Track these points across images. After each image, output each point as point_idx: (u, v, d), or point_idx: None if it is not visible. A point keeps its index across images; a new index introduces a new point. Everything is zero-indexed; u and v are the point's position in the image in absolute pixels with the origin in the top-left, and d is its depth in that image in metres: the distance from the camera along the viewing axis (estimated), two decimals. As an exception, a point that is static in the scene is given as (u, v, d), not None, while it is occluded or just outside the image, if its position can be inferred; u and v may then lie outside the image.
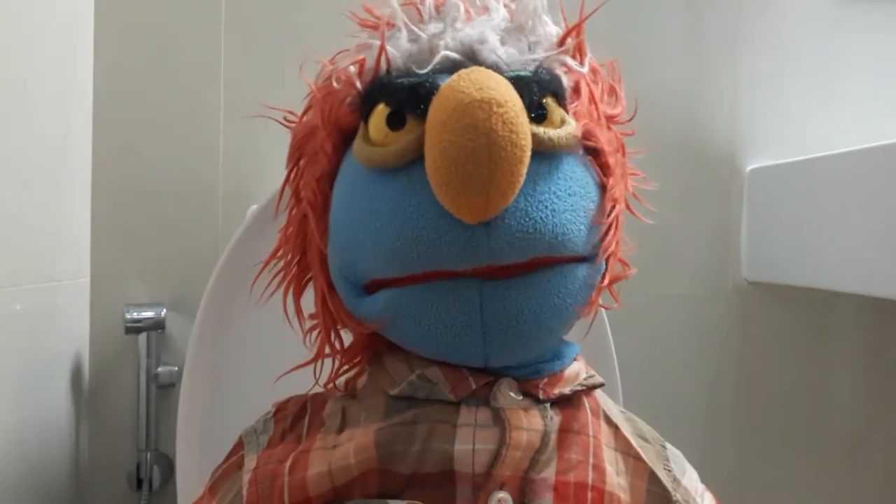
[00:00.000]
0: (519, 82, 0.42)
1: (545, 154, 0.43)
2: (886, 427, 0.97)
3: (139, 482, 0.86)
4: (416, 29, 0.45)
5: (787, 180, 0.88)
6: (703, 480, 0.53)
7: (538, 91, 0.43)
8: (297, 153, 0.50)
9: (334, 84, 0.48)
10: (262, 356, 0.54)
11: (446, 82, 0.39)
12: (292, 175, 0.51)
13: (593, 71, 0.51)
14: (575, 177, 0.44)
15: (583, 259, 0.45)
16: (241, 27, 0.89)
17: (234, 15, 0.89)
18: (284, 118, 0.53)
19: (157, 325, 0.85)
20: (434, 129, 0.38)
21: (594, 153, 0.47)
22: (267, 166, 0.88)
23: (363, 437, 0.44)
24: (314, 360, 0.51)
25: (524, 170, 0.39)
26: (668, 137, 0.94)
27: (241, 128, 0.88)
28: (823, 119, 0.95)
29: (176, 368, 0.86)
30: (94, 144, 0.88)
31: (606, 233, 0.46)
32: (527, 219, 0.41)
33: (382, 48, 0.45)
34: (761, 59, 0.95)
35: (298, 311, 0.51)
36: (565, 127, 0.44)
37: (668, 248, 0.94)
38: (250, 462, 0.48)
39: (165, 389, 0.87)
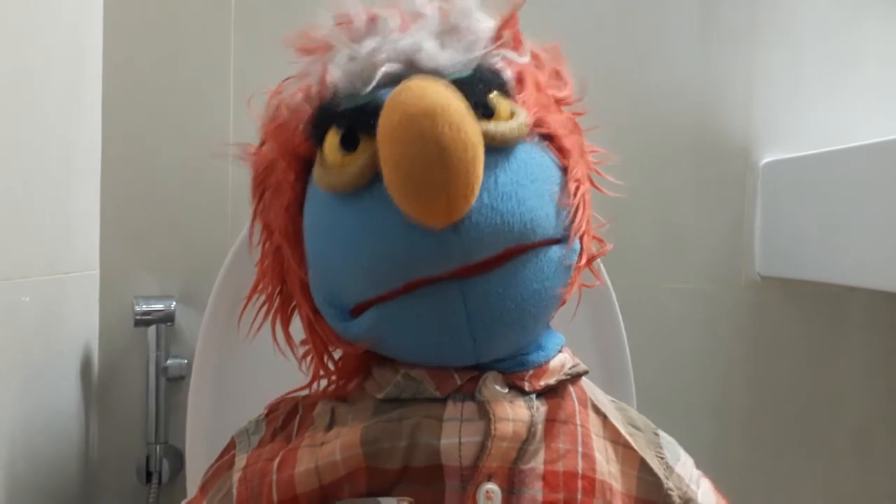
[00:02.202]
0: (461, 83, 0.43)
1: (500, 147, 0.43)
2: (899, 423, 0.96)
3: (148, 475, 0.86)
4: (354, 47, 0.46)
5: (801, 174, 0.88)
6: (713, 473, 0.53)
7: (482, 88, 0.44)
8: (261, 187, 0.51)
9: (284, 114, 0.49)
10: (271, 349, 0.54)
11: (389, 96, 0.40)
12: (259, 208, 0.51)
13: (535, 57, 0.52)
14: (534, 163, 0.45)
15: (556, 241, 0.45)
16: (252, 19, 0.88)
17: (245, 8, 0.88)
18: (244, 151, 0.53)
19: (167, 318, 0.85)
20: (384, 144, 0.39)
21: (549, 138, 0.48)
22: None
23: (349, 434, 0.45)
24: (310, 384, 0.52)
25: (480, 169, 0.39)
26: (682, 130, 0.93)
27: (251, 119, 0.88)
28: (839, 112, 0.94)
29: (185, 361, 0.86)
30: (103, 137, 0.88)
31: (575, 213, 0.46)
32: (493, 213, 0.42)
33: (324, 73, 0.46)
34: (777, 51, 0.94)
35: (288, 339, 0.53)
36: (515, 118, 0.45)
37: (681, 241, 0.93)
38: (240, 461, 0.48)
39: (175, 382, 0.87)
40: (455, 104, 0.39)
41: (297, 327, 0.52)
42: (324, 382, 0.53)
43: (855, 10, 0.95)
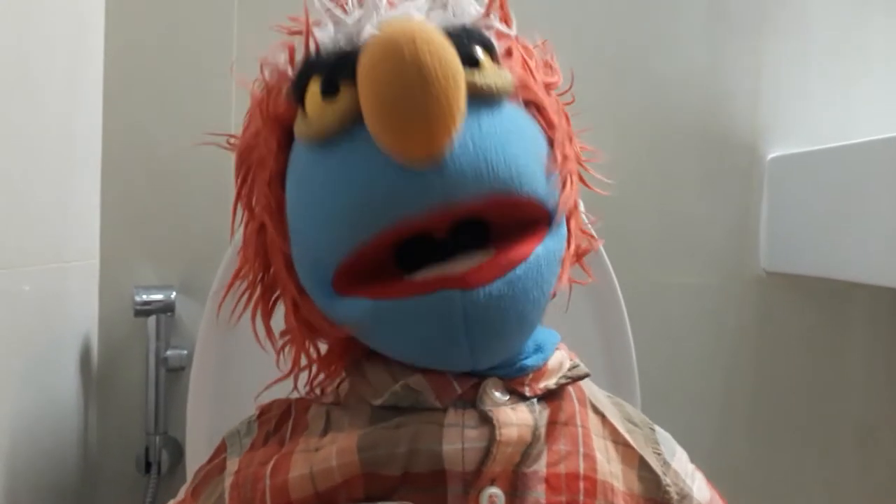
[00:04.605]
0: (447, 33, 0.41)
1: (486, 100, 0.42)
2: (902, 420, 0.96)
3: (148, 466, 0.85)
4: (341, 17, 0.45)
5: (808, 169, 0.87)
6: (717, 468, 0.53)
7: (468, 40, 0.43)
8: (244, 167, 0.50)
9: (266, 76, 0.47)
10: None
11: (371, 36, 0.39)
12: (242, 191, 0.50)
13: (525, 50, 0.50)
14: (520, 122, 0.44)
15: (545, 216, 0.44)
16: (256, 6, 0.87)
17: (248, -6, 0.88)
18: (227, 141, 0.52)
19: (167, 308, 0.85)
20: (364, 75, 0.38)
21: (536, 108, 0.47)
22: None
23: (346, 440, 0.44)
24: (290, 372, 0.51)
25: (462, 98, 0.38)
26: (689, 124, 0.93)
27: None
28: (847, 107, 0.94)
29: (185, 352, 0.85)
30: (104, 125, 0.87)
31: (564, 185, 0.45)
32: (477, 154, 0.41)
33: (308, 30, 0.44)
34: (785, 45, 0.93)
35: (269, 331, 0.51)
36: (501, 74, 0.44)
37: (686, 236, 0.93)
38: (232, 465, 0.47)
39: (175, 373, 0.86)
40: (437, 35, 0.38)
41: (281, 322, 0.50)
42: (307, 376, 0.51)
43: (863, 6, 0.94)
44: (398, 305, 0.42)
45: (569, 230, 0.47)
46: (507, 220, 0.43)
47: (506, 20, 0.49)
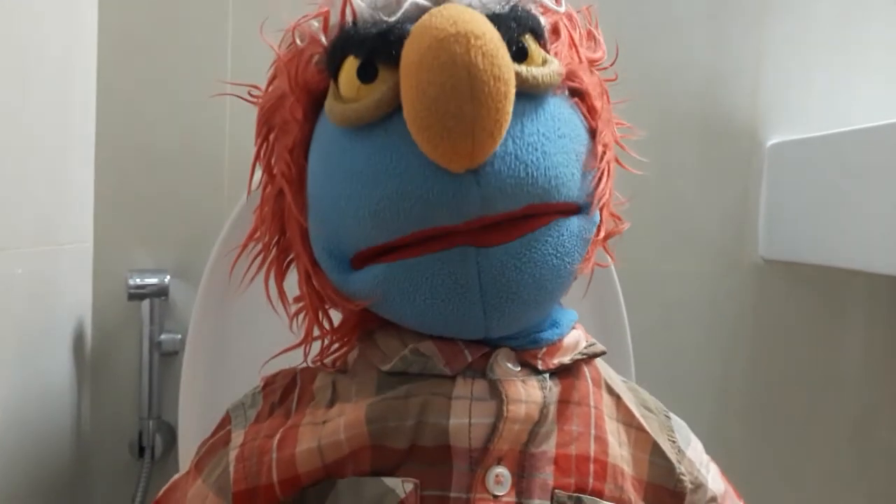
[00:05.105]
0: (495, 20, 0.39)
1: (530, 94, 0.41)
2: (899, 408, 0.96)
3: (141, 450, 0.85)
4: None
5: (808, 156, 0.86)
6: (713, 457, 0.52)
7: (516, 28, 0.41)
8: (266, 126, 0.48)
9: (298, 42, 0.46)
10: (266, 324, 0.53)
11: (418, 21, 0.37)
12: (262, 151, 0.48)
13: (569, 18, 0.49)
14: (563, 118, 0.42)
15: (577, 209, 0.43)
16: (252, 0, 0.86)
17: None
18: (249, 92, 0.51)
19: (161, 292, 0.84)
20: (409, 71, 0.36)
21: (580, 96, 0.45)
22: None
23: (354, 412, 0.43)
24: (303, 342, 0.50)
25: (510, 107, 0.36)
26: (688, 109, 0.92)
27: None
28: (847, 93, 0.93)
29: (179, 336, 0.85)
30: (98, 108, 0.86)
31: (599, 180, 0.44)
32: (517, 162, 0.39)
33: (346, 2, 0.42)
34: (785, 31, 0.93)
35: (282, 294, 0.50)
36: (548, 65, 0.42)
37: (684, 223, 0.92)
38: (237, 438, 0.46)
39: (168, 357, 0.86)
40: (490, 33, 0.36)
41: (293, 287, 0.50)
42: (317, 347, 0.51)
43: (865, -8, 0.93)
44: (412, 264, 0.41)
45: (601, 216, 0.46)
46: (536, 212, 0.42)
47: None
